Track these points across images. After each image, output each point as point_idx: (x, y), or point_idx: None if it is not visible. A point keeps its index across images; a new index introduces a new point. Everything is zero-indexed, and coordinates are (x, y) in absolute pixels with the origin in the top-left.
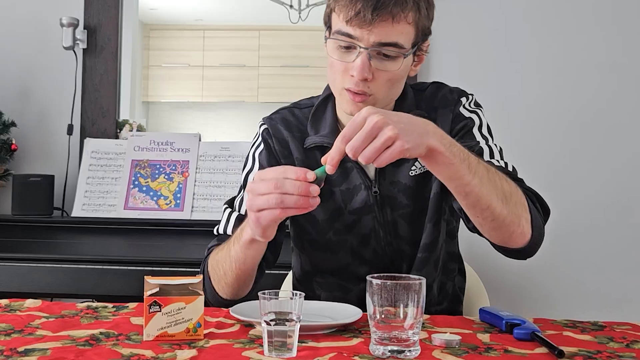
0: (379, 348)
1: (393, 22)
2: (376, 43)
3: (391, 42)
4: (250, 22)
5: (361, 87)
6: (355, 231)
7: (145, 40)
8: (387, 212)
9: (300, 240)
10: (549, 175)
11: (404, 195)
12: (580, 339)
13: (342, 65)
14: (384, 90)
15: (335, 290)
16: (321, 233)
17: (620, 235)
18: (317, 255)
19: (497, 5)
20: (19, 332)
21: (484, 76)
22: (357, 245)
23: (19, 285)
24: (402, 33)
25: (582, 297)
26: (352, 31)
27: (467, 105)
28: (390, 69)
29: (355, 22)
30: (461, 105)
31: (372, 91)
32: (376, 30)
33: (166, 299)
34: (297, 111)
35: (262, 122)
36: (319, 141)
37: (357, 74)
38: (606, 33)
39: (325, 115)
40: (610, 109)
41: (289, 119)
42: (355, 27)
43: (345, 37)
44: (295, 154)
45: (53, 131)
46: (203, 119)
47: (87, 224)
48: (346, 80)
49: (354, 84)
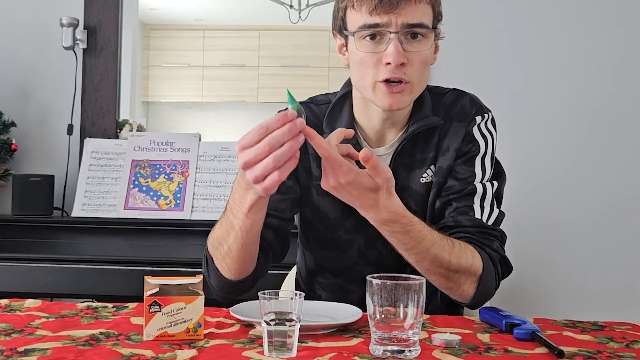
0: (379, 348)
1: (416, 3)
2: (405, 24)
3: (418, 23)
4: (250, 22)
5: (398, 73)
6: (363, 232)
7: (145, 40)
8: None
9: (307, 236)
10: (551, 175)
11: (413, 201)
12: (580, 339)
13: (373, 57)
14: (418, 74)
15: (336, 291)
16: (331, 231)
17: (620, 235)
18: (324, 253)
19: (500, 5)
20: (19, 332)
21: (487, 76)
22: (363, 246)
23: (19, 285)
24: (424, 13)
25: (582, 297)
26: (380, 19)
27: (482, 125)
28: (422, 49)
29: (380, 10)
30: (475, 125)
31: (409, 77)
32: (403, 12)
33: (166, 299)
34: (314, 107)
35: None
36: None
37: (393, 59)
38: (609, 33)
39: (342, 114)
40: (613, 109)
41: (306, 114)
42: (382, 14)
43: (373, 28)
44: (311, 149)
45: (53, 131)
46: (203, 119)
47: (87, 224)
48: (380, 71)
49: (390, 72)
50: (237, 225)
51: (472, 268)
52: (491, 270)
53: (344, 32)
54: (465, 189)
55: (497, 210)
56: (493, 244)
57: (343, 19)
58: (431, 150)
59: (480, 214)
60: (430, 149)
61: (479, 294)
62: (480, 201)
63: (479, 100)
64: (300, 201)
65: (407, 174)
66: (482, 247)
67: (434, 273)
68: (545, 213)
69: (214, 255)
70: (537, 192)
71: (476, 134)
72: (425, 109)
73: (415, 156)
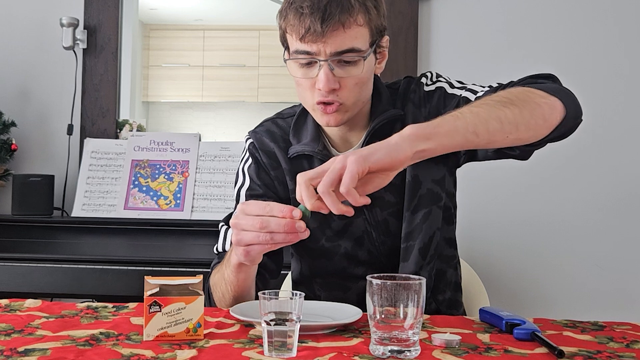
0: (379, 348)
1: (345, 29)
2: (333, 53)
3: (347, 49)
4: (250, 22)
5: (330, 97)
6: (348, 235)
7: (145, 40)
8: (377, 212)
9: (296, 247)
10: (551, 174)
11: (391, 193)
12: (580, 339)
13: (307, 81)
14: (354, 95)
15: (334, 289)
16: (314, 241)
17: (620, 235)
18: (313, 261)
19: (498, 5)
20: (19, 332)
21: (485, 77)
22: (351, 248)
23: (19, 285)
24: (356, 37)
25: (582, 297)
26: (308, 47)
27: (428, 82)
28: (354, 74)
29: (308, 38)
30: (424, 87)
31: (341, 99)
32: (330, 41)
33: (166, 299)
34: (281, 121)
35: (248, 136)
36: (300, 150)
37: (323, 87)
38: (607, 33)
39: (307, 123)
40: (612, 108)
41: (273, 130)
42: (310, 43)
43: (304, 55)
44: (283, 164)
45: (53, 131)
46: (203, 119)
47: (87, 224)
48: (315, 94)
49: (322, 96)
50: (227, 279)
51: (522, 91)
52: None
53: (284, 52)
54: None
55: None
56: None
57: (284, 37)
58: None
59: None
60: None
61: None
62: (476, 96)
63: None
64: None
65: None
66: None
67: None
68: (545, 213)
69: (213, 293)
70: (536, 192)
71: (430, 89)
72: (384, 103)
73: None
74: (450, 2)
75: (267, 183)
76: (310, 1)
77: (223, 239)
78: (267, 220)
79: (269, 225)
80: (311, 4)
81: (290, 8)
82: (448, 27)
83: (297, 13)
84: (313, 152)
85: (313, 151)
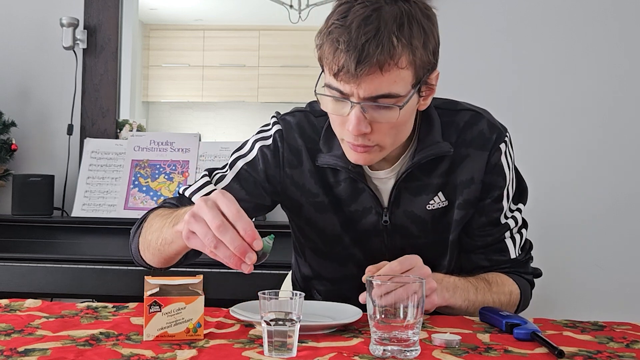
0: (379, 348)
1: (382, 72)
2: (367, 97)
3: (383, 94)
4: (250, 22)
5: (360, 141)
6: (363, 248)
7: (145, 40)
8: (397, 239)
9: (302, 246)
10: (550, 175)
11: (416, 227)
12: (580, 339)
13: (338, 117)
14: (389, 138)
15: (333, 299)
16: (329, 245)
17: (620, 235)
18: (321, 262)
19: (498, 5)
20: (19, 332)
21: (486, 77)
22: (363, 260)
23: (19, 285)
24: (394, 81)
25: (582, 297)
26: (341, 86)
27: (507, 153)
28: (388, 119)
29: (341, 77)
30: (502, 155)
31: (374, 142)
32: (364, 85)
33: (166, 299)
34: (313, 118)
35: (277, 121)
36: (332, 163)
37: (352, 130)
38: (607, 33)
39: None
40: (612, 108)
41: (304, 126)
42: (343, 82)
43: (335, 92)
44: (307, 165)
45: (53, 131)
46: (203, 119)
47: (87, 224)
48: (345, 132)
49: (353, 139)
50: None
51: (511, 300)
52: (528, 290)
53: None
54: (495, 227)
55: (524, 233)
56: (528, 268)
57: (321, 62)
58: (440, 176)
59: (513, 247)
60: (438, 174)
61: (520, 311)
62: (510, 233)
63: (495, 120)
64: (292, 213)
65: (411, 197)
66: (518, 275)
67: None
68: (545, 213)
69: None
70: (536, 192)
71: (504, 165)
72: (435, 134)
73: (422, 180)
74: (451, 2)
75: (268, 177)
76: (348, 35)
77: (196, 188)
78: (225, 228)
79: (225, 233)
80: (348, 39)
81: (327, 38)
82: (448, 27)
83: (332, 46)
84: (346, 168)
85: (346, 168)
